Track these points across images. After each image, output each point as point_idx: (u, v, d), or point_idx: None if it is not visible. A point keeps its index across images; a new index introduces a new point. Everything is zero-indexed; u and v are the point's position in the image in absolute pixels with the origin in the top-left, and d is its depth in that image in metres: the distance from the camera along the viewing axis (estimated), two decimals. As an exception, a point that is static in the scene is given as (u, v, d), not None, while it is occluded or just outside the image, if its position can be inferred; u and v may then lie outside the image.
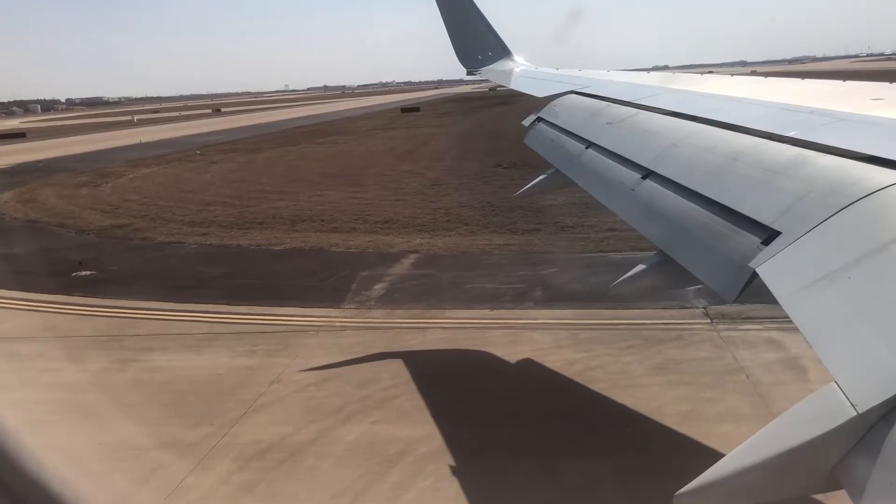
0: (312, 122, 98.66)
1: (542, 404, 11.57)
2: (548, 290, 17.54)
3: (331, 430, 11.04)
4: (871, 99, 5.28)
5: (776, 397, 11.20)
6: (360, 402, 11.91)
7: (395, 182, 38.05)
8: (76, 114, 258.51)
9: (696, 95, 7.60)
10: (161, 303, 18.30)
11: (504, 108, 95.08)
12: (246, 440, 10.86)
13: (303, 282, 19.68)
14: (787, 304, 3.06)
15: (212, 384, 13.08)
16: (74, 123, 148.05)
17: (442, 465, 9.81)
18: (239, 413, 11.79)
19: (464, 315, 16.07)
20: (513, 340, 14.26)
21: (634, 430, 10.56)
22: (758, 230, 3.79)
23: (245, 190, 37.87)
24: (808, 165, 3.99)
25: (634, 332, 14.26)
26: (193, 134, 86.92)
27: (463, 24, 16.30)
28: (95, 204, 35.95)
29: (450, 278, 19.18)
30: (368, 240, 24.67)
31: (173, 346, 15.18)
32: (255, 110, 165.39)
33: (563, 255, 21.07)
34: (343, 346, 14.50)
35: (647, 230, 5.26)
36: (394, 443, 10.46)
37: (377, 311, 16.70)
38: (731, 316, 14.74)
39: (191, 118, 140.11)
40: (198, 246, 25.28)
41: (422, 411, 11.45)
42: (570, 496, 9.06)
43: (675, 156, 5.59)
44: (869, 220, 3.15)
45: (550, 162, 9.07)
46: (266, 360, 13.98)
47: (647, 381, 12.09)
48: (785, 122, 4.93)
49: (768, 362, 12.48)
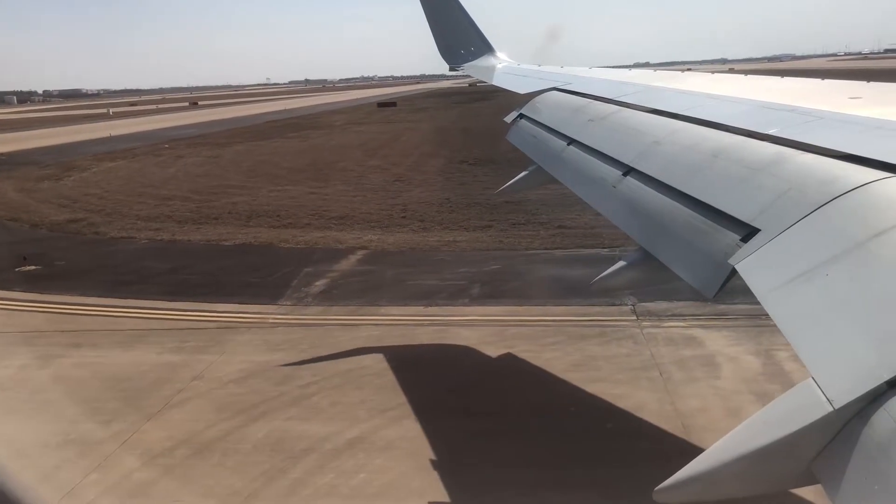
0: (288, 116, 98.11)
1: (454, 400, 11.67)
2: (485, 287, 17.65)
3: (243, 426, 11.07)
4: (849, 97, 5.31)
5: (683, 394, 11.40)
6: (276, 399, 11.95)
7: (359, 177, 38.00)
8: (52, 106, 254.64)
9: (678, 93, 7.60)
10: (100, 298, 18.18)
11: (480, 104, 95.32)
12: (156, 437, 10.86)
13: (245, 278, 19.63)
14: (766, 301, 3.06)
15: (133, 380, 13.03)
16: (48, 116, 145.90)
17: (344, 461, 9.88)
18: (155, 409, 11.78)
19: (398, 312, 16.14)
20: (441, 337, 14.36)
21: (541, 424, 10.68)
22: (737, 227, 3.81)
23: (207, 185, 37.61)
24: (788, 163, 4.02)
25: (559, 329, 14.42)
26: (166, 127, 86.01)
27: (446, 19, 16.28)
28: (54, 198, 35.52)
29: (392, 275, 19.23)
30: (320, 236, 24.66)
31: (103, 342, 15.11)
32: (233, 104, 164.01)
33: (508, 251, 21.20)
34: (271, 344, 14.51)
35: (628, 227, 5.27)
36: (303, 440, 10.52)
37: (312, 308, 16.72)
38: (657, 313, 14.95)
39: (167, 111, 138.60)
40: (148, 241, 25.11)
41: (336, 408, 11.51)
42: (465, 488, 9.17)
43: (657, 153, 5.60)
44: (846, 217, 3.17)
45: (532, 158, 9.04)
46: (192, 357, 13.95)
47: (564, 377, 12.24)
48: (765, 120, 4.97)
49: (683, 359, 12.68)
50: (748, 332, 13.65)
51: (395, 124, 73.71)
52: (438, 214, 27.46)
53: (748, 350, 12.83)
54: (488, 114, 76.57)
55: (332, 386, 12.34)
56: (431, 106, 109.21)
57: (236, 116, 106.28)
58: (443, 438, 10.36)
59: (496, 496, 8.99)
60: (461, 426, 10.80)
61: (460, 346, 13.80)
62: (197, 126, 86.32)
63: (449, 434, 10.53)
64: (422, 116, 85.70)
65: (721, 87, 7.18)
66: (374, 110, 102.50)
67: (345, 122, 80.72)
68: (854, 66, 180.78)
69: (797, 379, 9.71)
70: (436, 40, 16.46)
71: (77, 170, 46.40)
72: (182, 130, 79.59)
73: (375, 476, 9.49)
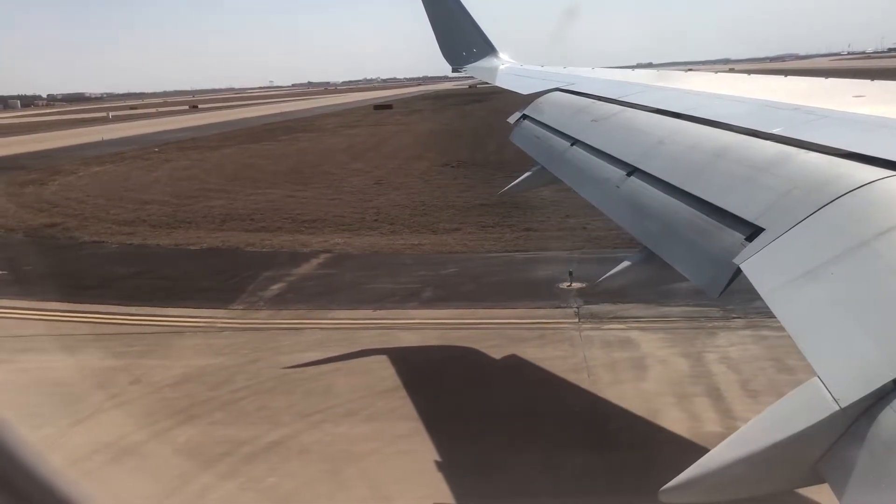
0: (283, 119, 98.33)
1: (381, 403, 11.71)
2: (437, 290, 17.72)
3: (168, 430, 11.17)
4: (853, 96, 5.28)
5: (608, 396, 11.47)
6: (206, 403, 12.04)
7: (340, 181, 38.13)
8: (55, 110, 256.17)
9: (681, 92, 7.59)
10: (59, 303, 18.27)
11: (476, 105, 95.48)
12: (80, 441, 10.94)
13: (204, 282, 19.75)
14: (771, 300, 3.05)
15: (73, 385, 13.16)
16: (48, 120, 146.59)
17: (258, 465, 9.96)
18: (86, 414, 11.88)
19: (346, 316, 16.22)
20: (382, 341, 14.41)
21: (452, 429, 10.71)
22: (742, 227, 3.79)
23: (188, 189, 37.79)
24: (792, 162, 4.00)
25: (500, 332, 14.47)
26: (160, 131, 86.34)
27: (448, 21, 16.32)
28: (35, 202, 35.76)
29: (350, 279, 19.32)
30: (288, 239, 24.77)
31: (51, 348, 15.22)
32: (233, 107, 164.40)
33: (469, 254, 21.25)
34: (214, 348, 14.60)
35: (632, 227, 5.26)
36: (222, 444, 10.60)
37: (262, 312, 16.82)
38: (600, 315, 15.00)
39: (166, 115, 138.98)
40: (119, 246, 25.28)
41: (262, 413, 11.60)
42: (376, 492, 9.25)
43: (660, 153, 5.58)
44: (851, 216, 3.16)
45: (536, 159, 9.05)
46: (134, 361, 14.06)
47: (491, 381, 12.30)
48: (769, 119, 4.97)
49: (614, 361, 12.72)
50: (685, 334, 13.70)
51: (387, 126, 73.90)
52: (411, 217, 27.54)
53: (680, 352, 12.86)
54: (480, 116, 76.90)
55: (263, 390, 12.42)
56: (427, 108, 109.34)
57: (232, 119, 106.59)
58: (360, 442, 10.44)
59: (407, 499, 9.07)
60: (380, 430, 10.84)
61: (397, 350, 13.85)
62: (191, 129, 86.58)
63: (367, 438, 10.59)
64: (415, 119, 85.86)
65: (724, 87, 7.17)
66: (370, 113, 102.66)
67: (337, 125, 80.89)
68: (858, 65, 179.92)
69: (717, 378, 9.90)
70: (438, 42, 16.53)
71: (63, 174, 46.63)
72: (175, 134, 79.90)
73: (284, 480, 9.57)
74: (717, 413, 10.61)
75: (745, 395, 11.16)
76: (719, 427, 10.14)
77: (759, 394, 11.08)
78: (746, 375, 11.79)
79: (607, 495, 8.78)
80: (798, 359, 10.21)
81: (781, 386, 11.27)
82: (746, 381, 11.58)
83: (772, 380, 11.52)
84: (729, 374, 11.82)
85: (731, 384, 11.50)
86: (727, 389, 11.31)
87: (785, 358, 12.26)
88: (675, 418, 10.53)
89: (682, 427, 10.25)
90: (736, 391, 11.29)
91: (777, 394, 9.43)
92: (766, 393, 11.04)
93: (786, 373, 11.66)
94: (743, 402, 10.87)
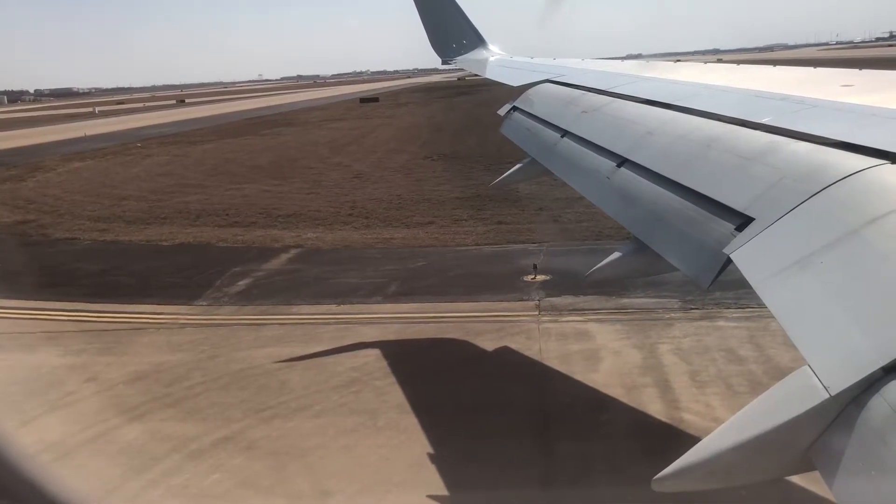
0: (268, 113, 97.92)
1: (334, 398, 11.71)
2: (403, 285, 17.72)
3: (117, 428, 11.15)
4: (841, 86, 5.27)
5: (556, 389, 11.54)
6: (159, 399, 12.02)
7: (319, 175, 38.05)
8: (41, 105, 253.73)
9: (670, 83, 7.59)
10: (23, 301, 18.19)
11: (462, 97, 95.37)
12: (28, 440, 10.86)
13: (171, 278, 19.67)
14: (761, 290, 3.07)
15: (27, 383, 13.10)
16: (34, 115, 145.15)
17: (204, 461, 9.96)
18: (38, 412, 11.83)
19: (309, 311, 16.21)
20: (340, 336, 14.39)
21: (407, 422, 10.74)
22: (732, 216, 3.80)
23: (166, 184, 37.61)
24: (781, 152, 4.00)
25: (460, 326, 14.50)
26: (144, 126, 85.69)
27: (438, 13, 16.26)
28: (11, 199, 35.50)
29: (317, 273, 19.29)
30: (261, 234, 24.71)
31: (9, 346, 15.18)
32: (220, 101, 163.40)
33: (439, 247, 21.25)
34: (174, 345, 14.57)
35: (622, 218, 5.26)
36: (170, 440, 10.59)
37: (225, 308, 16.78)
38: (560, 308, 15.04)
39: (152, 109, 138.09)
40: (91, 242, 25.13)
41: (214, 409, 11.59)
42: (315, 481, 9.28)
43: (650, 144, 5.58)
44: (840, 205, 3.17)
45: (526, 151, 9.03)
46: (91, 359, 14.02)
47: (443, 374, 12.35)
48: (758, 109, 4.96)
49: (569, 354, 12.76)
50: (641, 325, 13.76)
51: (371, 120, 73.64)
52: (386, 211, 27.51)
53: (634, 344, 12.92)
54: (466, 109, 76.89)
55: (218, 387, 12.41)
56: (414, 101, 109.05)
57: (218, 114, 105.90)
58: (306, 436, 10.45)
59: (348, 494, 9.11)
60: (328, 424, 10.85)
61: (356, 345, 13.84)
62: (175, 124, 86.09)
63: (314, 432, 10.60)
64: (400, 112, 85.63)
65: (714, 77, 7.17)
66: (355, 106, 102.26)
67: (321, 119, 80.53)
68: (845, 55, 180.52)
69: (667, 370, 9.90)
70: (428, 34, 16.47)
71: (42, 170, 46.30)
72: (159, 129, 79.37)
73: (228, 476, 9.58)
74: (663, 404, 10.67)
75: (693, 385, 11.22)
76: (664, 417, 10.23)
77: (706, 384, 11.15)
78: (697, 366, 11.85)
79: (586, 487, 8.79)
80: (750, 349, 10.39)
81: (729, 376, 11.38)
82: (696, 373, 11.64)
83: (720, 370, 11.60)
84: (680, 366, 11.88)
85: (681, 375, 11.56)
86: (675, 380, 11.37)
87: (737, 349, 12.38)
88: (620, 409, 10.60)
89: (627, 417, 10.33)
90: (685, 381, 11.35)
91: (725, 385, 9.54)
92: (713, 384, 11.13)
93: (735, 363, 11.77)
94: (689, 392, 10.93)
